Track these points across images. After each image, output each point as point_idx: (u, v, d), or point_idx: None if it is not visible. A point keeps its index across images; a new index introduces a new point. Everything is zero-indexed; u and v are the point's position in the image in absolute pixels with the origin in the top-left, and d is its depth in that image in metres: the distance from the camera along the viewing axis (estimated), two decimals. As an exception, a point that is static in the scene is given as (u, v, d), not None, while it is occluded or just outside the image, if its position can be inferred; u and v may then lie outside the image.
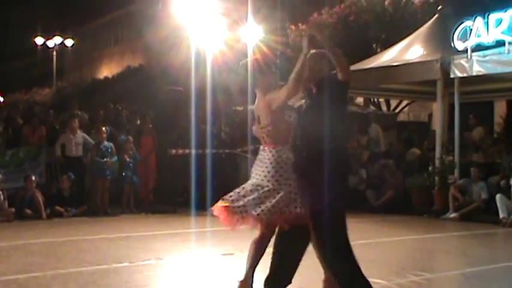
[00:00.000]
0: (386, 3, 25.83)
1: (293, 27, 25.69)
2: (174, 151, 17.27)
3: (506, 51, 14.68)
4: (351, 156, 18.49)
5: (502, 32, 14.70)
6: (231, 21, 18.41)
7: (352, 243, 11.67)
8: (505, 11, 14.70)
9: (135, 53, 51.55)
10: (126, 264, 9.24)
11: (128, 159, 16.87)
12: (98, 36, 59.87)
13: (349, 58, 20.73)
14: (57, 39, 53.09)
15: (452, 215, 15.40)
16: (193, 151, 16.79)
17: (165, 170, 17.74)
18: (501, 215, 14.41)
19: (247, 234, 13.35)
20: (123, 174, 16.80)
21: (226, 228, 13.72)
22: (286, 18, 22.71)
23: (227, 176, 17.23)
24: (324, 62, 6.75)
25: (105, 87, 39.26)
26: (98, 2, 51.50)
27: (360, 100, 27.35)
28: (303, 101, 6.91)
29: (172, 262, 9.62)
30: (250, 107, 19.41)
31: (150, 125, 18.08)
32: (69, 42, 54.27)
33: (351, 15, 25.56)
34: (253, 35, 17.68)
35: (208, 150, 16.80)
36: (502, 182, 15.27)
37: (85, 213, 15.79)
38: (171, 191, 17.58)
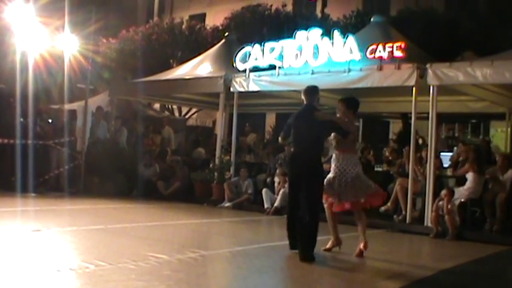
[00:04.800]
0: (183, 27, 25.97)
1: (104, 40, 25.29)
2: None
3: (276, 74, 15.14)
4: (147, 152, 18.46)
5: (275, 58, 15.09)
6: (51, 29, 17.74)
7: (142, 225, 11.65)
8: (278, 42, 15.12)
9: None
10: None
11: None
12: None
13: (150, 70, 20.78)
14: None
15: (227, 204, 15.63)
16: (11, 141, 16.14)
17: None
18: (265, 206, 14.77)
19: (53, 214, 12.94)
20: None
21: (35, 208, 13.18)
22: (99, 32, 22.26)
23: (40, 163, 16.63)
24: None
25: None
26: None
27: (156, 106, 27.43)
28: None
29: (-15, 236, 9.04)
30: (66, 106, 18.99)
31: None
32: None
33: (154, 34, 25.48)
34: (70, 44, 17.15)
35: (26, 141, 16.18)
36: (268, 179, 15.68)
37: None
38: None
